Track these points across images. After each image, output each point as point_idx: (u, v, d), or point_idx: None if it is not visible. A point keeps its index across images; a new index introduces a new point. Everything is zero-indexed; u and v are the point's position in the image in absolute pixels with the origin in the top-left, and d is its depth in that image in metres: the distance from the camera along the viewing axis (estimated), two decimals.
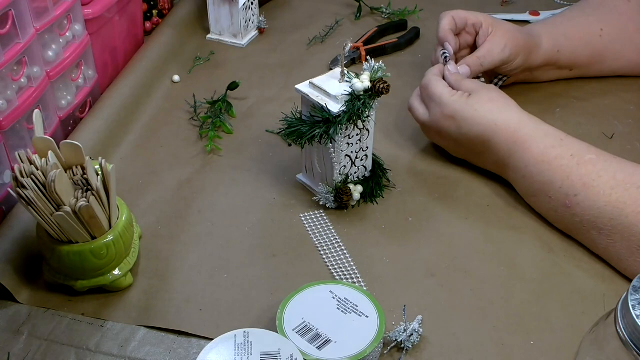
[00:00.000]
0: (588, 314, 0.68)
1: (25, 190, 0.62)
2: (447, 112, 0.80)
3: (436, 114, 0.82)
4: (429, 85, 0.83)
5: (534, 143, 0.76)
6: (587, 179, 0.72)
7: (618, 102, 0.99)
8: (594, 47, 0.98)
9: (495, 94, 0.81)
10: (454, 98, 0.80)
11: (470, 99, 0.80)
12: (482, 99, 0.80)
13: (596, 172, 0.72)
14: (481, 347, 0.65)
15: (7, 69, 0.74)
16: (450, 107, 0.80)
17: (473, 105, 0.79)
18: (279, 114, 0.86)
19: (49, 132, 0.85)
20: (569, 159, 0.74)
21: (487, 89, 0.81)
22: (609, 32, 0.97)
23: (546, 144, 0.76)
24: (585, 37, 0.97)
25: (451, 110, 0.80)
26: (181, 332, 0.67)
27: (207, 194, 0.83)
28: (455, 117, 0.80)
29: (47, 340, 0.66)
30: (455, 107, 0.80)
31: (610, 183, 0.70)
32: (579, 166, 0.73)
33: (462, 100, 0.80)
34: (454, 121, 0.80)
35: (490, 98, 0.80)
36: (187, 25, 1.16)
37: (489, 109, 0.79)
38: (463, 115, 0.79)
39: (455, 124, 0.80)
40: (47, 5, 0.81)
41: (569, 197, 0.72)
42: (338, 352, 0.61)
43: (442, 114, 0.81)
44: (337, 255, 0.75)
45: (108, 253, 0.67)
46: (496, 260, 0.74)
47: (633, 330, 0.43)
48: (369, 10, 1.23)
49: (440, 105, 0.81)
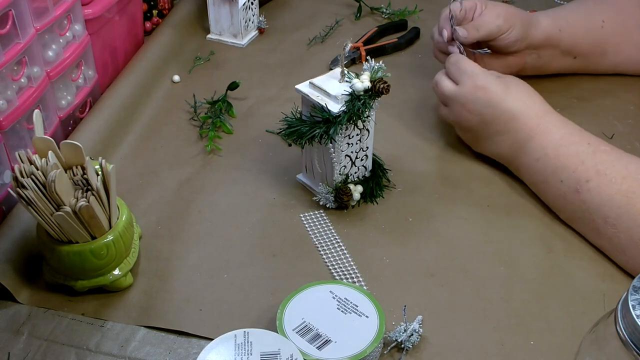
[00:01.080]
0: (588, 314, 0.68)
1: (25, 190, 0.62)
2: (480, 83, 0.82)
3: (468, 85, 0.82)
4: (459, 61, 0.85)
5: (554, 129, 0.79)
6: (601, 166, 0.74)
7: (618, 102, 0.99)
8: (595, 37, 0.99)
9: (523, 83, 0.83)
10: (487, 73, 0.83)
11: (501, 79, 0.82)
12: (512, 83, 0.82)
13: (610, 161, 0.74)
14: (481, 347, 0.65)
15: (7, 69, 0.74)
16: (484, 80, 0.82)
17: (504, 82, 0.82)
18: (279, 114, 0.86)
19: (49, 132, 0.85)
20: (586, 146, 0.76)
21: (514, 78, 0.84)
22: (610, 25, 0.98)
23: (565, 131, 0.79)
24: (587, 25, 0.98)
25: (484, 82, 0.82)
26: (181, 332, 0.67)
27: (207, 194, 0.83)
28: (488, 89, 0.81)
29: (47, 340, 0.66)
30: (489, 80, 0.82)
31: (622, 172, 0.72)
32: (595, 154, 0.75)
33: (494, 77, 0.82)
34: (485, 92, 0.81)
35: (520, 84, 0.83)
36: (187, 25, 1.16)
37: (519, 90, 0.82)
38: (495, 89, 0.81)
39: (487, 96, 0.81)
40: (47, 5, 0.81)
41: (581, 182, 0.74)
42: (338, 352, 0.61)
43: (475, 85, 0.82)
44: (337, 255, 0.75)
45: (108, 253, 0.67)
46: (496, 260, 0.74)
47: (633, 330, 0.43)
48: (369, 10, 1.23)
49: (473, 77, 0.82)
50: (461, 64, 0.84)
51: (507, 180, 0.84)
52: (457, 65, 0.84)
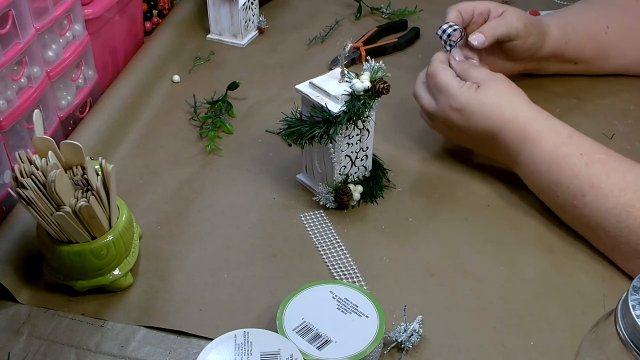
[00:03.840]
0: (588, 314, 0.68)
1: (25, 190, 0.62)
2: (454, 104, 0.78)
3: (443, 105, 0.79)
4: (435, 73, 0.81)
5: (542, 140, 0.75)
6: (595, 179, 0.71)
7: (618, 102, 0.99)
8: (599, 43, 0.97)
9: (505, 85, 0.79)
10: (462, 90, 0.78)
11: (478, 92, 0.78)
12: (490, 92, 0.78)
13: (605, 173, 0.71)
14: (481, 347, 0.65)
15: (7, 69, 0.74)
16: (458, 100, 0.78)
17: (481, 98, 0.77)
18: (279, 114, 0.86)
19: (49, 132, 0.85)
20: (578, 158, 0.73)
21: (496, 80, 0.79)
22: (615, 30, 0.97)
23: (555, 142, 0.75)
24: (592, 31, 0.96)
25: (459, 103, 0.78)
26: (181, 332, 0.67)
27: (207, 194, 0.83)
28: (463, 110, 0.78)
29: (47, 340, 0.66)
30: (463, 100, 0.78)
31: (619, 185, 0.70)
32: (588, 166, 0.72)
33: (471, 93, 0.78)
34: (461, 114, 0.78)
35: (499, 91, 0.78)
36: (187, 25, 1.16)
37: (497, 103, 0.77)
38: (471, 109, 0.78)
39: (463, 117, 0.78)
40: (47, 5, 0.81)
41: (577, 197, 0.72)
42: (338, 352, 0.61)
43: (450, 106, 0.79)
44: (337, 255, 0.75)
45: (108, 253, 0.67)
46: (496, 260, 0.74)
47: (633, 330, 0.43)
48: (369, 10, 1.23)
49: (448, 97, 0.79)
50: (436, 77, 0.81)
51: (507, 180, 0.84)
52: (433, 79, 0.81)
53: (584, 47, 0.97)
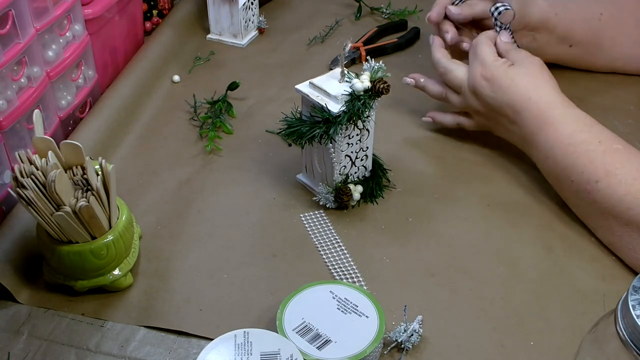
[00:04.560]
0: (588, 314, 0.68)
1: (25, 190, 0.62)
2: (485, 73, 0.82)
3: (475, 72, 0.83)
4: (477, 44, 0.85)
5: (562, 124, 0.77)
6: (610, 166, 0.72)
7: (618, 102, 0.99)
8: (592, 27, 0.98)
9: (538, 69, 0.81)
10: (496, 63, 0.82)
11: (511, 69, 0.81)
12: (522, 71, 0.81)
13: (620, 162, 0.72)
14: (481, 347, 0.65)
15: (7, 69, 0.74)
16: (490, 70, 0.81)
17: (512, 75, 0.81)
18: (279, 114, 0.86)
19: (49, 132, 0.85)
20: (596, 145, 0.74)
21: (531, 62, 0.82)
22: (608, 19, 0.98)
23: (575, 128, 0.76)
24: (584, 14, 0.97)
25: (489, 73, 0.81)
26: (181, 332, 0.67)
27: (207, 194, 0.83)
28: (491, 81, 0.81)
29: (47, 340, 0.66)
30: (494, 71, 0.81)
31: (632, 174, 0.71)
32: (605, 154, 0.73)
33: (503, 68, 0.81)
34: (488, 84, 0.81)
35: (531, 73, 0.81)
36: (187, 25, 1.16)
37: (526, 82, 0.80)
38: (499, 82, 0.81)
39: (490, 87, 0.81)
40: (47, 5, 0.81)
41: (590, 183, 0.73)
42: (338, 352, 0.61)
43: (480, 74, 0.82)
44: (337, 255, 0.75)
45: (108, 253, 0.67)
46: (496, 260, 0.74)
47: (633, 330, 0.43)
48: (369, 10, 1.23)
49: (482, 65, 0.82)
50: (477, 47, 0.84)
51: (507, 180, 0.84)
52: (475, 49, 0.85)
53: (576, 27, 0.97)
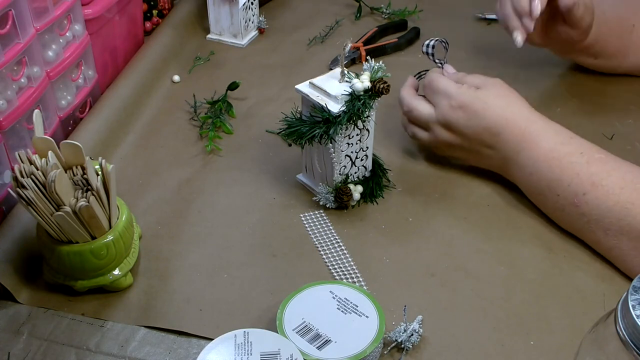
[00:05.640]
0: (588, 314, 0.68)
1: (25, 190, 0.62)
2: (455, 103, 0.78)
3: (444, 107, 0.79)
4: (432, 80, 0.81)
5: (543, 139, 0.76)
6: (596, 177, 0.71)
7: (618, 102, 0.99)
8: (623, 41, 0.96)
9: (504, 89, 0.79)
10: (462, 90, 0.79)
11: (479, 92, 0.79)
12: (491, 93, 0.78)
13: (606, 171, 0.72)
14: (481, 347, 0.65)
15: (7, 69, 0.74)
16: (459, 99, 0.78)
17: (482, 98, 0.78)
18: (279, 114, 0.86)
19: (49, 132, 0.85)
20: (579, 157, 0.73)
21: (494, 84, 0.80)
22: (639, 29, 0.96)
23: (556, 141, 0.75)
24: (619, 28, 0.95)
25: (460, 101, 0.78)
26: (181, 332, 0.67)
27: (207, 194, 0.83)
28: (465, 109, 0.78)
29: (47, 340, 0.66)
30: (464, 98, 0.78)
31: (619, 183, 0.70)
32: (589, 164, 0.72)
33: (471, 93, 0.79)
34: (463, 112, 0.78)
35: (500, 94, 0.79)
36: (187, 25, 1.16)
37: (498, 103, 0.78)
38: (473, 107, 0.78)
39: (465, 116, 0.78)
40: (47, 5, 0.81)
41: (578, 195, 0.72)
42: (338, 352, 0.61)
43: (450, 106, 0.79)
44: (337, 255, 0.75)
45: (108, 253, 0.67)
46: (496, 260, 0.74)
47: (633, 330, 0.43)
48: (369, 10, 1.23)
49: (449, 97, 0.79)
50: (434, 84, 0.81)
51: (507, 180, 0.84)
52: (431, 86, 0.82)
53: (608, 42, 0.95)
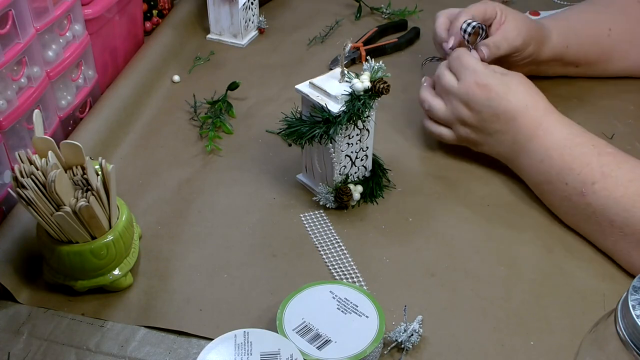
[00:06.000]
0: (588, 314, 0.68)
1: (25, 190, 0.62)
2: (480, 80, 0.80)
3: (468, 81, 0.81)
4: (462, 56, 0.84)
5: (558, 128, 0.78)
6: (606, 168, 0.73)
7: (618, 102, 0.99)
8: (602, 46, 0.98)
9: (526, 81, 0.82)
10: (488, 71, 0.81)
11: (504, 77, 0.81)
12: (515, 80, 0.81)
13: (616, 163, 0.73)
14: (481, 347, 0.65)
15: (7, 69, 0.74)
16: (485, 78, 0.81)
17: (507, 82, 0.80)
18: (279, 114, 0.86)
19: (49, 132, 0.85)
20: (591, 148, 0.75)
21: (517, 75, 0.82)
22: (617, 33, 0.97)
23: (569, 132, 0.78)
24: (594, 35, 0.97)
25: (485, 80, 0.80)
26: (181, 332, 0.67)
27: (207, 194, 0.83)
28: (488, 88, 0.80)
29: (47, 340, 0.66)
30: (490, 79, 0.81)
31: (628, 175, 0.72)
32: (600, 156, 0.74)
33: (497, 75, 0.81)
34: (486, 91, 0.80)
35: (523, 82, 0.81)
36: (187, 25, 1.16)
37: (520, 90, 0.80)
38: (496, 88, 0.80)
39: (486, 94, 0.80)
40: (47, 5, 0.81)
41: (587, 185, 0.73)
42: (338, 352, 0.61)
43: (475, 82, 0.81)
44: (337, 255, 0.75)
45: (108, 253, 0.67)
46: (496, 260, 0.74)
47: (633, 330, 0.43)
48: (369, 10, 1.23)
49: (475, 74, 0.81)
50: (463, 59, 0.83)
51: (507, 180, 0.84)
52: (460, 60, 0.83)
53: (586, 52, 0.97)
